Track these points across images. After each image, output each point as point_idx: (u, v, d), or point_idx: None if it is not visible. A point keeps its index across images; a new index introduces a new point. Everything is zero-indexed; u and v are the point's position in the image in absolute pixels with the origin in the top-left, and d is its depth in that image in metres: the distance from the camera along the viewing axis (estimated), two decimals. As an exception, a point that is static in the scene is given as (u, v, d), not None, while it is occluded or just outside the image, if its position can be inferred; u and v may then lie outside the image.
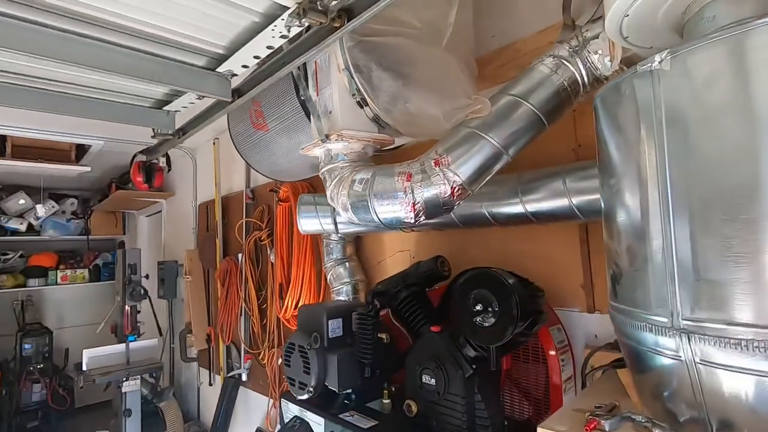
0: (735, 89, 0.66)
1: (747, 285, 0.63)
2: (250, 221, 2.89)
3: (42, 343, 4.54)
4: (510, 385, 1.43)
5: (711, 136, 0.68)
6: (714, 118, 0.68)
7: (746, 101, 0.64)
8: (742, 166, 0.64)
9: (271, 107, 1.71)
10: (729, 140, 0.66)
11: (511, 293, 1.00)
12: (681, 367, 0.71)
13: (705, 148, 0.68)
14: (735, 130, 0.66)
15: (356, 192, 1.26)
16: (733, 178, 0.65)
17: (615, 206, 0.85)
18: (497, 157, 1.19)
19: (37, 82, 1.55)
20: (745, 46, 0.65)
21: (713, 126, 0.68)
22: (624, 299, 0.83)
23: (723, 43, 0.66)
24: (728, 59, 0.67)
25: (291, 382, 1.52)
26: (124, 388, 3.27)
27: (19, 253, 4.89)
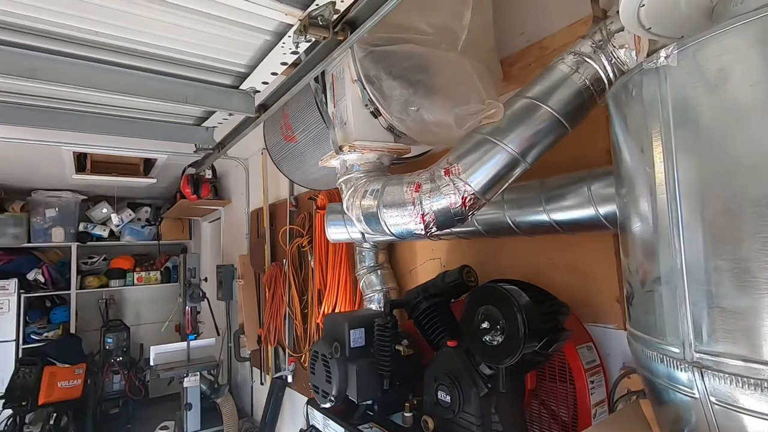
0: (759, 83, 0.56)
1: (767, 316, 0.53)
2: (293, 228, 2.99)
3: (121, 338, 5.02)
4: (539, 406, 1.34)
5: (725, 139, 0.58)
6: (729, 118, 0.58)
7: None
8: (763, 173, 0.55)
9: (297, 119, 1.76)
10: (748, 144, 0.57)
11: (518, 311, 0.93)
12: (696, 404, 0.62)
13: (718, 154, 0.59)
14: (758, 131, 0.56)
15: (367, 203, 1.25)
16: (752, 188, 0.56)
17: (627, 218, 0.77)
18: (513, 165, 1.12)
19: (93, 106, 1.72)
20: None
21: (728, 127, 0.58)
22: (637, 323, 0.74)
23: (747, 29, 0.57)
24: (751, 48, 0.57)
25: (315, 390, 1.54)
26: (185, 383, 3.53)
27: (102, 256, 5.46)
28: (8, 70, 1.07)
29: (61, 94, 1.61)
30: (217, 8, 1.08)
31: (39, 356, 4.01)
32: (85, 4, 1.04)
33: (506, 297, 0.96)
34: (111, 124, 1.80)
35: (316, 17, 1.03)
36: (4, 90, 1.53)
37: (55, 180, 4.46)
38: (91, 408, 4.44)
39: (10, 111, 1.66)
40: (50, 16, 1.05)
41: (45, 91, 1.57)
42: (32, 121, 1.70)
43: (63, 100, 1.68)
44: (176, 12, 1.10)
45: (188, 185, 2.55)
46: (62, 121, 1.74)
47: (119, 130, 1.80)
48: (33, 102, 1.66)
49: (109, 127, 1.78)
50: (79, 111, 1.77)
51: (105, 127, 1.78)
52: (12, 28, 1.05)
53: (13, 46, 1.09)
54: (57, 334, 4.80)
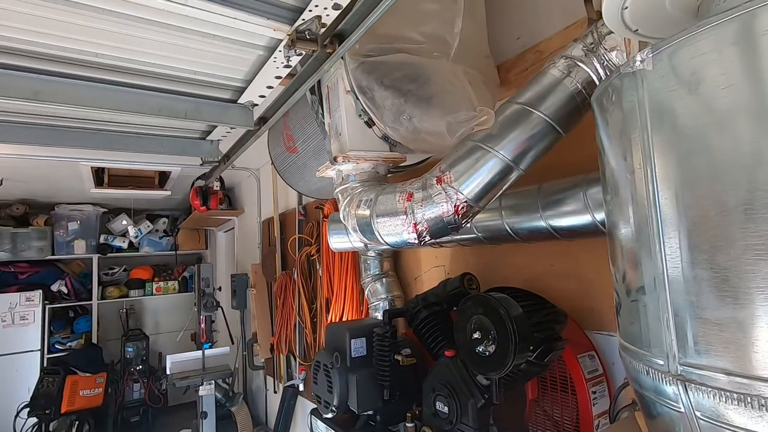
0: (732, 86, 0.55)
1: (749, 328, 0.51)
2: (301, 237, 3.01)
3: (141, 347, 5.13)
4: (542, 416, 1.31)
5: (701, 144, 0.57)
6: (704, 123, 0.56)
7: (757, 99, 0.52)
8: (740, 178, 0.53)
9: (298, 131, 1.78)
10: (725, 149, 0.55)
11: (508, 320, 0.91)
12: (683, 419, 0.60)
13: (695, 160, 0.57)
14: (740, 133, 0.54)
15: (362, 212, 1.25)
16: (729, 195, 0.54)
17: (613, 226, 0.75)
18: (506, 172, 1.11)
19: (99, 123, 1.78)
20: (754, 30, 0.53)
21: (703, 132, 0.56)
22: (625, 334, 0.72)
23: (720, 30, 0.55)
24: (724, 49, 0.55)
25: (318, 400, 1.54)
26: (200, 392, 3.57)
27: (122, 267, 5.60)
28: (12, 93, 1.12)
29: (72, 114, 1.68)
30: (209, 27, 1.11)
31: (61, 366, 4.12)
32: (85, 28, 1.08)
33: (496, 306, 0.95)
34: (121, 140, 1.86)
35: (303, 31, 1.05)
36: (18, 111, 1.60)
37: (76, 194, 4.61)
38: (112, 416, 4.54)
39: (26, 131, 1.73)
40: (52, 40, 1.09)
41: (57, 111, 1.63)
42: (48, 140, 1.77)
43: (75, 119, 1.74)
44: (172, 32, 1.13)
45: (197, 197, 2.60)
46: (75, 139, 1.81)
47: (129, 146, 1.86)
48: (48, 122, 1.73)
49: (120, 143, 1.84)
50: (90, 129, 1.83)
51: (115, 143, 1.84)
52: (14, 52, 1.10)
53: (16, 69, 1.14)
54: (80, 343, 4.93)
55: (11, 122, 1.61)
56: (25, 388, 4.27)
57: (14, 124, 1.63)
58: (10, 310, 4.58)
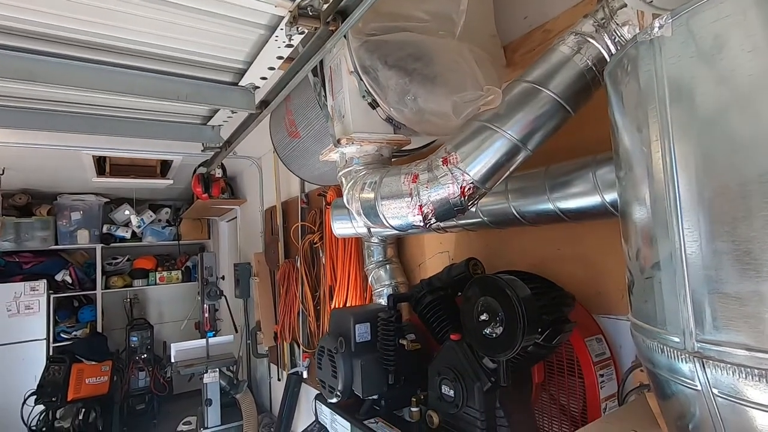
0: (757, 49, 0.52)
1: (772, 301, 0.49)
2: (304, 225, 3.00)
3: (145, 336, 5.17)
4: (549, 400, 1.30)
5: (723, 113, 0.54)
6: (726, 90, 0.54)
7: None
8: (764, 146, 0.50)
9: (299, 115, 1.75)
10: (748, 117, 0.52)
11: (516, 302, 0.90)
12: (699, 397, 0.58)
13: (716, 130, 0.55)
14: (757, 102, 0.52)
15: (366, 195, 1.23)
16: (752, 164, 0.51)
17: (626, 203, 0.73)
18: (514, 152, 1.08)
19: (99, 108, 1.76)
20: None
21: (725, 100, 0.54)
22: (638, 313, 0.70)
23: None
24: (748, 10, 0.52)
25: (322, 385, 1.54)
26: (204, 379, 3.60)
27: (126, 257, 5.62)
28: (6, 74, 1.10)
29: (71, 98, 1.65)
30: (209, 4, 1.08)
31: (67, 354, 4.15)
32: (79, 6, 1.05)
33: (504, 288, 0.93)
34: (121, 125, 1.84)
35: (305, 8, 1.02)
36: (16, 95, 1.58)
37: (78, 184, 4.61)
38: (117, 403, 4.58)
39: (24, 115, 1.71)
40: (46, 19, 1.07)
41: (55, 95, 1.61)
42: (46, 125, 1.74)
43: (74, 104, 1.72)
44: (170, 9, 1.10)
45: (199, 185, 2.58)
46: (75, 124, 1.79)
47: (129, 131, 1.83)
48: (46, 107, 1.71)
49: (120, 128, 1.81)
50: (90, 114, 1.81)
51: (116, 129, 1.81)
52: (8, 31, 1.07)
53: (10, 49, 1.12)
54: (85, 332, 4.97)
55: (8, 107, 1.59)
56: (32, 377, 4.31)
57: (11, 108, 1.61)
58: (15, 299, 4.60)
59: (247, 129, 1.79)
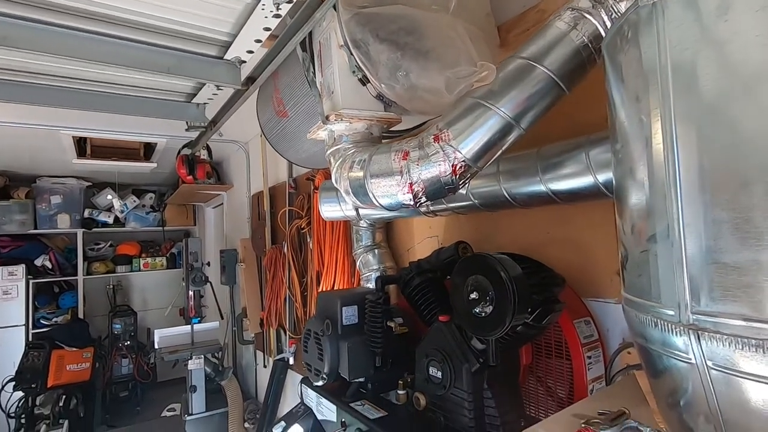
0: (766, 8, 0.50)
1: (772, 270, 0.48)
2: (292, 210, 2.96)
3: (129, 322, 5.08)
4: (535, 382, 1.30)
5: (725, 78, 0.52)
6: (733, 55, 0.52)
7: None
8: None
9: (287, 93, 1.70)
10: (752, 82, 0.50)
11: (507, 280, 0.88)
12: (693, 371, 0.57)
13: (717, 95, 0.53)
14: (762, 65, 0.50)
15: (355, 174, 1.20)
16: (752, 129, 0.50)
17: (622, 176, 0.71)
18: (507, 130, 1.06)
19: (80, 83, 1.68)
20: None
21: (728, 67, 0.52)
22: (631, 288, 0.69)
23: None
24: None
25: (308, 368, 1.52)
26: (189, 366, 3.56)
27: (108, 243, 5.50)
28: (-25, 35, 1.04)
29: (49, 69, 1.58)
30: (192, -32, 1.03)
31: (47, 340, 4.06)
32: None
33: (495, 266, 0.91)
34: (102, 100, 1.77)
35: (294, -27, 0.97)
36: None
37: (59, 166, 4.47)
38: (100, 390, 4.52)
39: (0, 87, 1.62)
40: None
41: (29, 65, 1.53)
42: (24, 97, 1.66)
43: (54, 76, 1.64)
44: (151, -27, 1.05)
45: (183, 166, 2.51)
46: (54, 97, 1.70)
47: (111, 107, 1.76)
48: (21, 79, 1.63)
49: (101, 103, 1.74)
50: (69, 87, 1.73)
51: (97, 104, 1.74)
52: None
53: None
54: (66, 318, 4.87)
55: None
56: (11, 363, 4.21)
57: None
58: (-8, 284, 4.48)
59: (233, 107, 1.74)
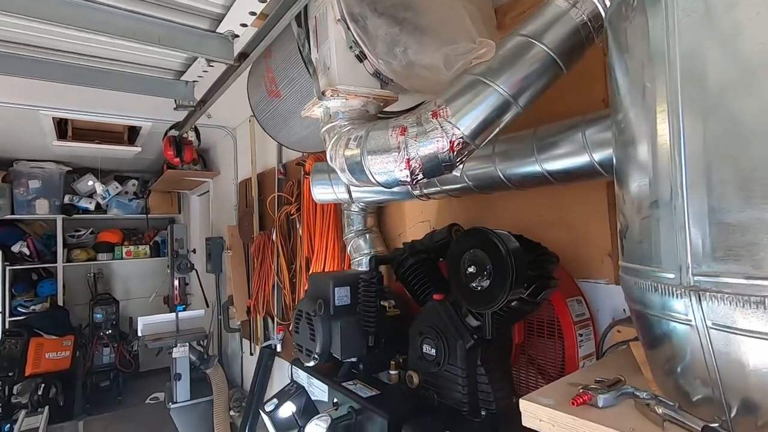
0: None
1: (775, 227, 0.48)
2: (281, 196, 2.92)
3: (110, 311, 4.98)
4: (525, 362, 1.31)
5: (732, 38, 0.53)
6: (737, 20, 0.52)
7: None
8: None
9: (281, 72, 1.67)
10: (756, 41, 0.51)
11: (506, 254, 0.89)
12: (692, 333, 0.58)
13: (723, 61, 0.53)
14: None
15: (351, 151, 1.18)
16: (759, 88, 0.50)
17: (623, 146, 0.71)
18: (504, 108, 1.06)
19: (64, 55, 1.62)
20: None
21: (736, 25, 0.52)
22: (630, 255, 0.69)
23: None
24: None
25: (299, 349, 1.51)
26: (174, 354, 3.50)
27: (89, 230, 5.36)
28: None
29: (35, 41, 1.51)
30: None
31: (25, 328, 3.95)
32: None
33: (494, 241, 0.91)
34: (88, 74, 1.71)
35: (293, -61, 0.95)
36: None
37: (37, 150, 4.33)
38: (80, 380, 4.42)
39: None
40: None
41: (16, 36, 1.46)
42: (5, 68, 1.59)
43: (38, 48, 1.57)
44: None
45: (170, 147, 2.45)
46: (37, 69, 1.63)
47: (96, 81, 1.70)
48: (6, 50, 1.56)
49: (86, 77, 1.68)
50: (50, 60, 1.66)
51: (82, 77, 1.68)
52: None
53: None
54: (44, 307, 4.74)
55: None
56: (-14, 351, 4.08)
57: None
58: (-34, 270, 4.33)
59: (223, 85, 1.70)
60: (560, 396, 0.70)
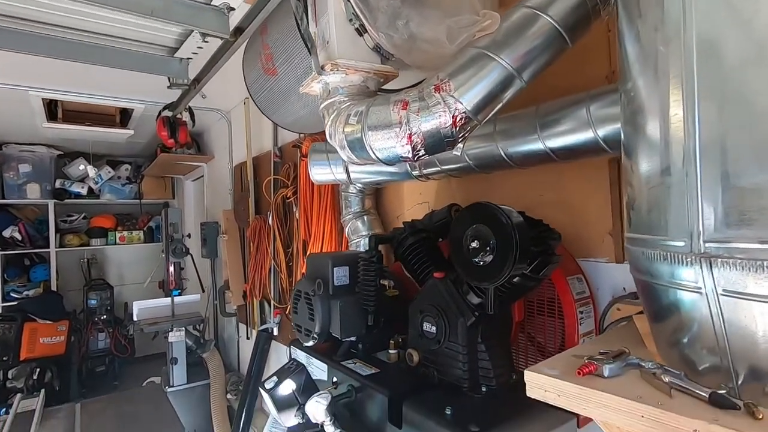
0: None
1: (792, 189, 0.48)
2: (277, 179, 2.89)
3: (105, 296, 4.96)
4: (525, 340, 1.32)
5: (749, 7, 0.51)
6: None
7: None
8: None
9: (278, 48, 1.64)
10: None
11: (511, 229, 0.88)
12: (701, 302, 0.57)
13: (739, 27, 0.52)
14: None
15: (351, 128, 1.16)
16: (782, 50, 0.49)
17: (631, 115, 0.70)
18: (508, 82, 1.04)
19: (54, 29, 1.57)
20: None
21: None
22: (638, 226, 0.69)
23: None
24: None
25: (298, 329, 1.50)
26: (170, 338, 3.50)
27: (82, 215, 5.30)
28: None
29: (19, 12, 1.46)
30: None
31: (18, 313, 3.92)
32: None
33: (499, 215, 0.90)
34: (77, 49, 1.65)
35: None
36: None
37: (27, 132, 4.24)
38: (75, 365, 4.41)
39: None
40: None
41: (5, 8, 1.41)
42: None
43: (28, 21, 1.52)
44: None
45: (164, 128, 2.40)
46: (27, 42, 1.58)
47: (87, 56, 1.65)
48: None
49: (77, 51, 1.63)
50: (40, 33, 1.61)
51: (73, 52, 1.63)
52: None
53: None
54: (38, 292, 4.70)
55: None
56: (-21, 336, 4.05)
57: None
58: (-44, 255, 4.27)
59: (218, 62, 1.66)
60: (565, 367, 0.70)
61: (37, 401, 2.18)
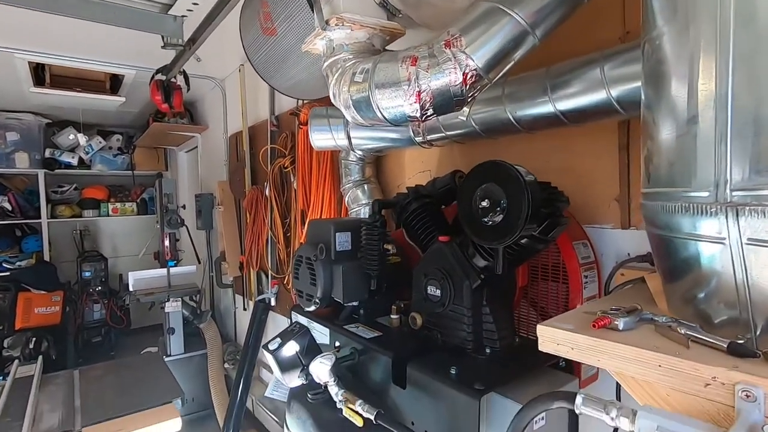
0: None
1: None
2: (274, 148, 2.84)
3: (99, 268, 4.92)
4: (526, 306, 1.32)
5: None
6: None
7: None
8: None
9: (277, 5, 1.57)
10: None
11: (525, 187, 0.86)
12: (723, 253, 0.56)
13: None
14: None
15: (356, 86, 1.12)
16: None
17: (657, 64, 0.67)
18: (521, 38, 1.00)
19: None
20: None
21: None
22: (657, 180, 0.67)
23: None
24: None
25: (299, 294, 1.50)
26: (166, 308, 3.50)
27: (73, 185, 5.20)
28: None
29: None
30: None
31: (12, 283, 3.89)
32: None
33: (512, 174, 0.88)
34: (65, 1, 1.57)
35: None
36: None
37: (13, 99, 4.10)
38: (72, 335, 4.42)
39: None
40: None
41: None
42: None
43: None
44: None
45: (158, 92, 2.32)
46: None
47: (76, 10, 1.57)
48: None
49: (63, 5, 1.55)
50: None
51: (58, 5, 1.54)
52: None
53: None
54: (30, 262, 4.66)
55: None
56: (-27, 306, 4.03)
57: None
58: (-55, 225, 4.20)
59: (214, 21, 1.59)
60: (577, 322, 0.69)
61: (35, 367, 2.18)
